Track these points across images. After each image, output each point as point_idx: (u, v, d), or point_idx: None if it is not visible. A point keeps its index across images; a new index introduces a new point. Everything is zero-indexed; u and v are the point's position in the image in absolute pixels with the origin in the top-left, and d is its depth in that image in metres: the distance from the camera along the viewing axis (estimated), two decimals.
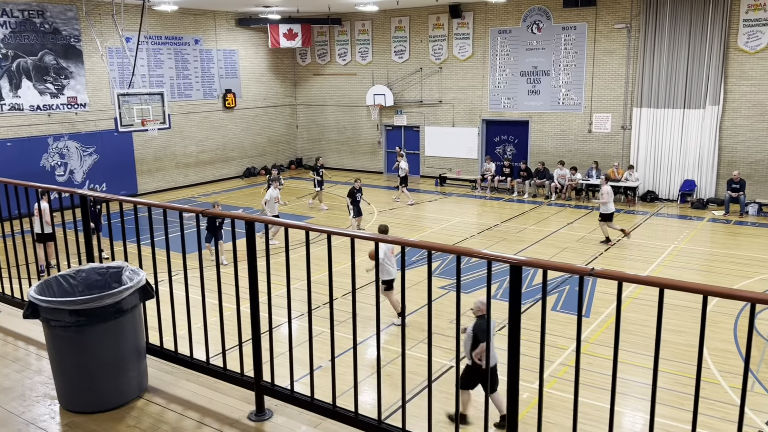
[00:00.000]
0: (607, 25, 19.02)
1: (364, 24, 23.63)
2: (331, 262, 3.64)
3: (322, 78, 25.31)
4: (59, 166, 18.45)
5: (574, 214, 17.42)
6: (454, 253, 3.06)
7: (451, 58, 21.97)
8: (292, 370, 3.93)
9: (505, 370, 3.95)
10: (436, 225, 16.59)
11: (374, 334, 8.98)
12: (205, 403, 4.07)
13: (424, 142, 23.21)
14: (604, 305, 10.70)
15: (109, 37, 18.97)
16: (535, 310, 9.93)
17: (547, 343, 3.12)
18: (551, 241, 14.74)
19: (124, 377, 4.04)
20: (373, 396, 7.59)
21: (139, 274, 4.10)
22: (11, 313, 5.55)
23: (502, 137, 21.77)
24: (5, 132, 17.24)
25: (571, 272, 2.78)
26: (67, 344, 3.89)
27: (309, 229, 3.70)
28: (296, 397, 3.86)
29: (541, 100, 20.53)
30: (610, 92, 19.40)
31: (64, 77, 18.37)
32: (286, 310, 3.88)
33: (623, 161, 19.32)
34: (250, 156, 24.40)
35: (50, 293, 4.09)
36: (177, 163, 21.90)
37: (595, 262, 13.18)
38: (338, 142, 25.48)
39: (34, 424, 3.87)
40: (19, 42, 17.28)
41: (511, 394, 3.06)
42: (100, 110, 19.30)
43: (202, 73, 22.24)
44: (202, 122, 22.48)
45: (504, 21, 20.73)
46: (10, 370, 4.56)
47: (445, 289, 11.48)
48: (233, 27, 23.20)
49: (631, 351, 8.80)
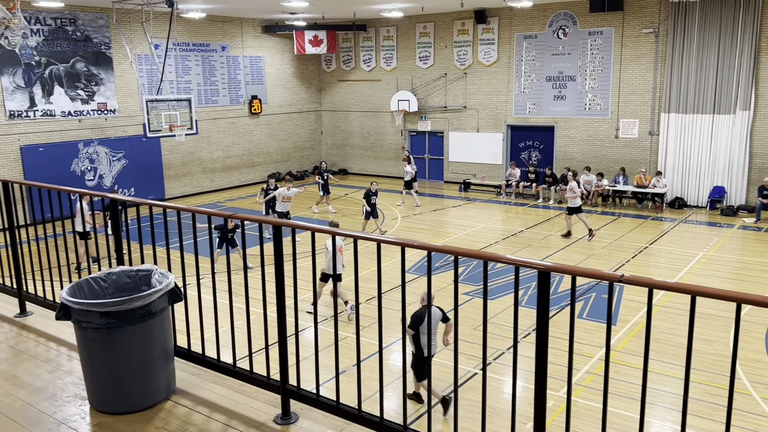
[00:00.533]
0: (635, 29, 18.82)
1: (389, 30, 23.70)
2: (357, 266, 3.65)
3: (347, 84, 25.43)
4: (89, 171, 18.80)
5: (601, 221, 17.23)
6: (480, 258, 3.05)
7: (476, 64, 21.92)
8: (317, 374, 3.95)
9: (532, 378, 3.91)
10: (460, 231, 16.53)
11: (397, 340, 8.98)
12: (231, 405, 4.10)
13: (448, 147, 23.17)
14: (632, 313, 10.56)
15: (138, 44, 19.31)
16: (561, 317, 9.84)
17: (573, 351, 3.09)
18: (577, 248, 14.59)
19: (152, 379, 4.09)
20: (397, 401, 7.58)
21: (168, 277, 4.16)
22: (44, 315, 5.66)
23: (527, 143, 21.63)
24: (38, 137, 17.62)
25: (600, 278, 2.75)
26: (98, 345, 3.95)
27: (335, 233, 3.72)
28: (322, 401, 3.87)
29: (567, 105, 20.38)
30: (637, 97, 19.18)
31: (95, 84, 18.73)
32: (310, 314, 3.89)
33: (651, 167, 19.07)
34: (276, 161, 24.59)
35: (81, 295, 4.16)
36: (204, 168, 22.16)
37: (622, 270, 13.01)
38: (362, 148, 25.55)
39: (65, 424, 3.94)
40: (51, 49, 17.67)
41: (538, 402, 3.03)
42: (129, 116, 19.63)
43: (228, 80, 22.50)
44: (228, 128, 22.72)
45: (529, 26, 20.63)
46: (42, 371, 4.65)
47: (469, 296, 11.42)
48: (259, 34, 23.45)
49: (659, 360, 8.67)
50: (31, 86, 17.36)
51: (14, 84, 17.01)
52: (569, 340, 2.92)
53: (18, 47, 16.95)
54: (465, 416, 7.46)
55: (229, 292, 4.19)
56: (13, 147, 17.15)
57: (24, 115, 17.29)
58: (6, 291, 6.12)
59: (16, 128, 17.17)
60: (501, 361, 8.96)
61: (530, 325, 9.67)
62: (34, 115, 17.51)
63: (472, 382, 8.31)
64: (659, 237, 15.47)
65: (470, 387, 8.19)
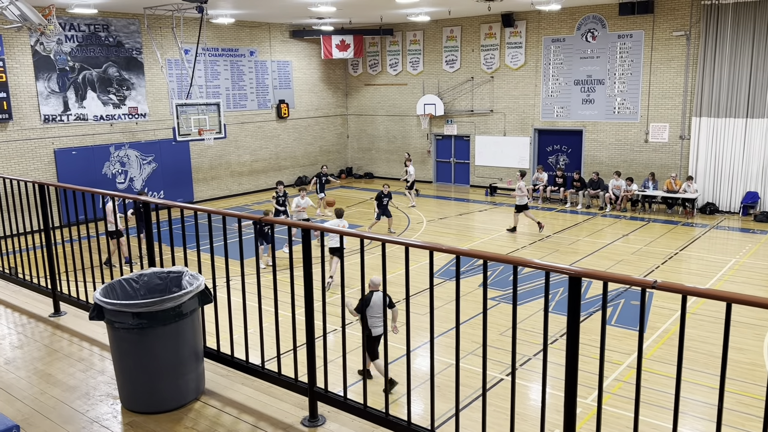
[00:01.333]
0: (665, 32, 18.56)
1: (416, 34, 23.71)
2: (385, 270, 3.66)
3: (373, 88, 25.50)
4: (120, 174, 19.13)
5: (630, 226, 17.00)
6: (511, 263, 3.03)
7: (503, 67, 21.82)
8: (345, 376, 3.96)
9: (558, 385, 3.87)
10: (485, 235, 16.45)
11: (423, 344, 8.96)
12: (259, 407, 4.14)
13: (475, 151, 23.08)
14: (661, 320, 10.39)
15: (168, 49, 19.62)
16: (589, 323, 9.72)
17: (604, 358, 3.05)
18: (606, 254, 14.41)
19: (182, 379, 4.15)
20: (422, 405, 7.56)
21: (198, 279, 4.21)
22: (77, 315, 5.78)
23: (554, 147, 21.45)
24: (71, 141, 17.99)
25: (632, 284, 2.72)
26: (130, 346, 4.02)
27: (363, 237, 3.74)
28: (349, 404, 3.89)
29: (596, 109, 20.16)
30: (667, 101, 18.90)
31: (126, 88, 19.07)
32: (338, 317, 3.91)
33: (681, 172, 18.76)
34: (302, 165, 24.75)
35: (114, 296, 4.24)
36: (231, 171, 22.39)
37: (652, 276, 12.81)
38: (388, 152, 25.59)
39: (97, 422, 4.01)
40: (85, 55, 18.04)
41: (568, 410, 3.00)
42: (159, 120, 19.94)
43: (256, 84, 22.73)
44: (256, 132, 22.95)
45: (558, 29, 20.48)
46: (75, 370, 4.74)
47: (495, 300, 11.35)
48: (287, 39, 23.65)
49: (690, 368, 8.51)
50: (65, 91, 17.74)
51: (49, 89, 17.40)
52: (600, 347, 2.89)
53: (53, 53, 17.34)
54: (492, 423, 7.42)
55: (258, 294, 4.23)
56: (48, 150, 17.54)
57: (58, 119, 17.68)
58: (41, 291, 6.26)
59: (50, 132, 17.56)
60: (526, 367, 8.88)
61: (557, 331, 9.57)
62: (68, 119, 17.88)
63: (497, 388, 8.25)
64: (690, 243, 15.20)
65: (495, 393, 8.13)
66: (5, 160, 16.75)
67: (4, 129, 16.68)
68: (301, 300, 4.01)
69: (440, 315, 10.06)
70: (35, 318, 5.87)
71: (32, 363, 4.89)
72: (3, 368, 4.81)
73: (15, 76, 16.70)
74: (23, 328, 5.67)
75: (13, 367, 4.82)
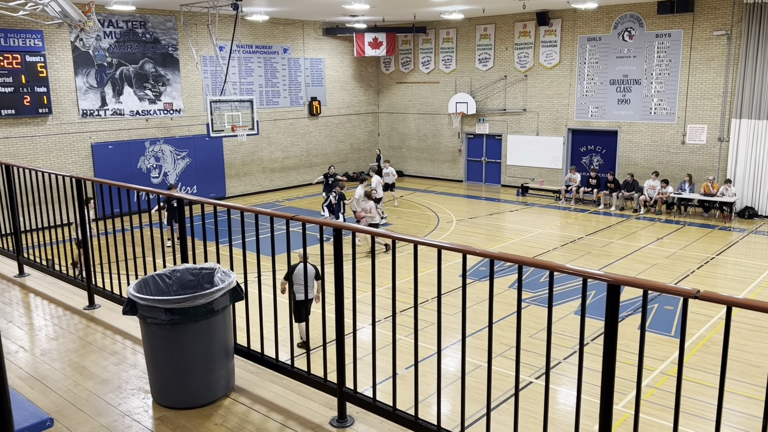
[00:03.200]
0: (705, 32, 18.12)
1: (449, 32, 23.57)
2: (416, 271, 3.62)
3: (405, 86, 25.43)
4: (154, 169, 19.41)
5: (665, 229, 16.65)
6: (547, 268, 2.97)
7: (537, 66, 21.56)
8: (374, 378, 3.94)
9: (590, 390, 3.79)
10: (516, 236, 16.28)
11: (456, 342, 8.90)
12: (288, 405, 4.14)
13: (506, 150, 22.86)
14: (696, 326, 10.14)
15: (203, 46, 19.84)
16: (621, 328, 9.53)
17: (633, 364, 2.96)
18: (639, 257, 14.14)
19: (213, 376, 4.17)
20: (448, 407, 7.50)
21: (230, 276, 4.23)
22: (111, 308, 5.86)
23: (588, 147, 21.13)
24: (107, 135, 18.32)
25: (673, 293, 2.63)
26: (162, 341, 4.05)
27: (396, 238, 3.71)
28: (378, 405, 3.86)
29: (632, 109, 19.79)
30: (706, 102, 18.45)
31: (162, 84, 19.34)
32: (367, 316, 3.89)
33: (719, 175, 18.31)
34: (333, 162, 24.81)
35: (147, 291, 4.28)
36: (263, 168, 22.56)
37: (687, 281, 12.53)
38: (418, 150, 25.51)
39: (129, 416, 4.06)
40: (122, 51, 18.35)
41: (604, 415, 2.93)
42: (194, 116, 20.18)
43: (289, 81, 22.85)
44: (288, 129, 23.08)
45: (594, 28, 20.15)
46: (108, 363, 4.81)
47: (525, 302, 11.22)
48: (320, 36, 23.72)
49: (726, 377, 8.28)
50: (103, 86, 18.06)
51: (87, 84, 17.74)
52: (639, 353, 2.81)
53: (91, 49, 17.67)
54: (522, 427, 7.32)
55: (289, 291, 4.23)
56: (85, 144, 17.89)
57: (95, 113, 18.01)
58: (76, 284, 6.37)
59: (88, 126, 17.90)
60: (556, 370, 8.76)
61: (589, 335, 9.41)
62: (105, 114, 18.21)
63: (526, 391, 8.15)
64: (727, 248, 14.83)
65: (524, 396, 8.04)
66: (45, 153, 17.13)
67: (44, 123, 17.06)
68: (332, 297, 4.00)
69: (468, 316, 9.97)
70: (70, 310, 5.97)
71: (67, 355, 4.97)
72: (39, 359, 4.90)
73: (55, 72, 17.06)
74: (59, 320, 5.77)
75: (49, 359, 4.91)
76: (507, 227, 17.63)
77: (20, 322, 5.72)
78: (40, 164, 16.83)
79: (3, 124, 16.31)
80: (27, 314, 5.99)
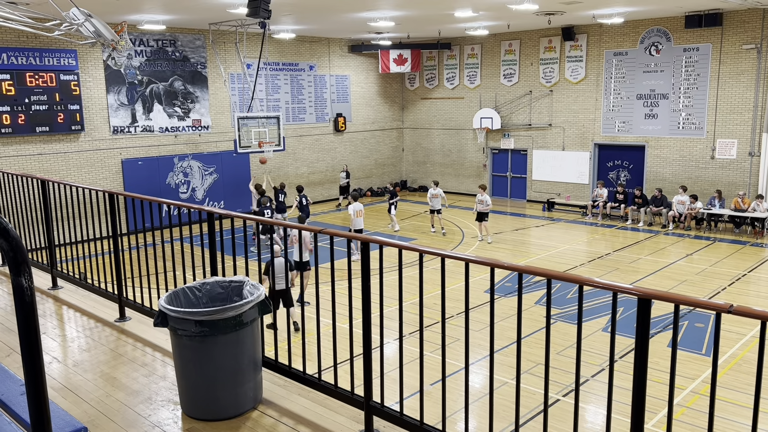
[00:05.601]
0: (734, 45, 17.91)
1: (474, 48, 23.65)
2: (444, 285, 3.63)
3: (430, 102, 25.53)
4: (182, 184, 19.71)
5: (694, 245, 16.38)
6: (576, 282, 2.96)
7: (563, 81, 21.49)
8: (401, 391, 3.94)
9: (622, 409, 3.75)
10: (542, 251, 16.15)
11: (484, 357, 8.83)
12: (315, 418, 4.15)
13: (532, 165, 22.76)
14: (728, 344, 9.93)
15: (231, 63, 20.17)
16: (650, 345, 9.37)
17: (663, 382, 2.93)
18: (668, 273, 13.92)
19: (241, 388, 4.21)
20: (474, 423, 7.44)
21: (258, 289, 4.28)
22: (141, 321, 5.95)
23: (615, 162, 20.94)
24: (137, 152, 18.68)
25: (706, 308, 2.60)
26: (191, 353, 4.10)
27: (423, 251, 3.72)
28: (405, 420, 3.86)
29: (659, 124, 19.59)
30: (736, 116, 18.19)
31: (191, 101, 19.69)
32: (393, 331, 3.89)
33: (750, 190, 17.99)
34: (357, 178, 24.94)
35: (177, 303, 4.34)
36: (289, 183, 22.72)
37: (718, 298, 12.29)
38: (443, 165, 25.52)
39: (158, 427, 4.11)
40: (152, 69, 18.74)
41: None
42: (221, 132, 20.48)
43: (315, 98, 23.09)
44: (313, 145, 23.28)
45: (620, 43, 20.05)
46: (138, 374, 4.88)
47: (551, 318, 11.11)
48: (346, 53, 23.97)
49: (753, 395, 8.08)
50: (133, 103, 18.45)
51: (118, 101, 18.14)
52: (670, 370, 2.78)
53: (123, 67, 18.09)
54: None
55: (316, 305, 4.26)
56: (116, 160, 18.25)
57: (126, 130, 18.39)
58: (108, 296, 6.48)
59: (118, 143, 18.28)
60: (584, 388, 8.64)
61: (617, 352, 9.27)
62: (135, 130, 18.58)
63: (554, 409, 8.05)
64: (759, 264, 14.53)
65: (553, 414, 7.93)
66: (77, 169, 17.51)
67: (77, 140, 17.46)
68: (359, 312, 4.02)
69: (495, 332, 9.89)
70: (102, 322, 6.08)
71: (98, 366, 5.06)
72: (72, 370, 5.00)
73: (88, 90, 17.49)
74: (91, 331, 5.88)
75: (81, 370, 4.99)
76: (533, 243, 17.50)
77: (54, 334, 5.83)
78: (72, 180, 17.20)
79: (38, 141, 16.74)
80: (60, 326, 6.11)
